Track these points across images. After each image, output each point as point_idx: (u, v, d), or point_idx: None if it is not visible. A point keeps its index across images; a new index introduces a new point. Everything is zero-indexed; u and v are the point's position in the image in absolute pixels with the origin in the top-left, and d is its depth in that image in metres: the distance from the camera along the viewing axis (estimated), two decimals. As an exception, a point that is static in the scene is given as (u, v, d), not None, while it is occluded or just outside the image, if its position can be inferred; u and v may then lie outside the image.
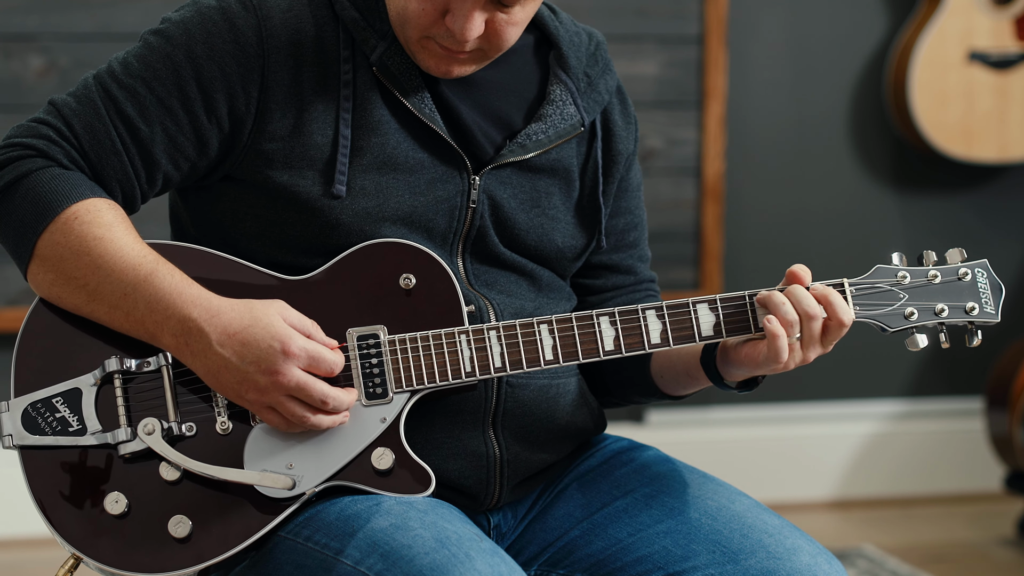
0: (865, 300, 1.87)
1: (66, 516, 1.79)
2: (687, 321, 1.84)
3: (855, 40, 4.13)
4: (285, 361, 1.74)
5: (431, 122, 1.88)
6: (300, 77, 1.85)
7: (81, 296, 1.80)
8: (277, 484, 1.78)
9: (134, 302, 1.78)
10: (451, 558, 1.70)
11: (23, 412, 1.80)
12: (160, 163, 1.84)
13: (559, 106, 1.95)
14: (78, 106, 1.84)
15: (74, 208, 1.79)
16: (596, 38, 2.03)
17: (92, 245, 1.79)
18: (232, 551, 1.79)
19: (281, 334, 1.75)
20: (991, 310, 1.88)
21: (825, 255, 4.17)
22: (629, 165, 2.05)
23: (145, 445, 1.78)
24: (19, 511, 3.69)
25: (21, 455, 1.80)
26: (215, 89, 1.83)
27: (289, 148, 1.85)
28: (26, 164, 1.81)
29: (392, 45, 1.87)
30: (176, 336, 1.77)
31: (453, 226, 1.91)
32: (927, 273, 1.88)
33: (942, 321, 1.88)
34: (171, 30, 1.85)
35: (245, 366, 1.75)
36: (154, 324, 1.78)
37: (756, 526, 1.86)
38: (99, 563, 1.78)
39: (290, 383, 1.75)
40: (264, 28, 1.84)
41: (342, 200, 1.85)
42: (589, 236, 2.01)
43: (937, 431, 4.29)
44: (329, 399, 1.76)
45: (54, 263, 1.80)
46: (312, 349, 1.76)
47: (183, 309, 1.77)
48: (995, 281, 1.89)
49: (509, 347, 1.83)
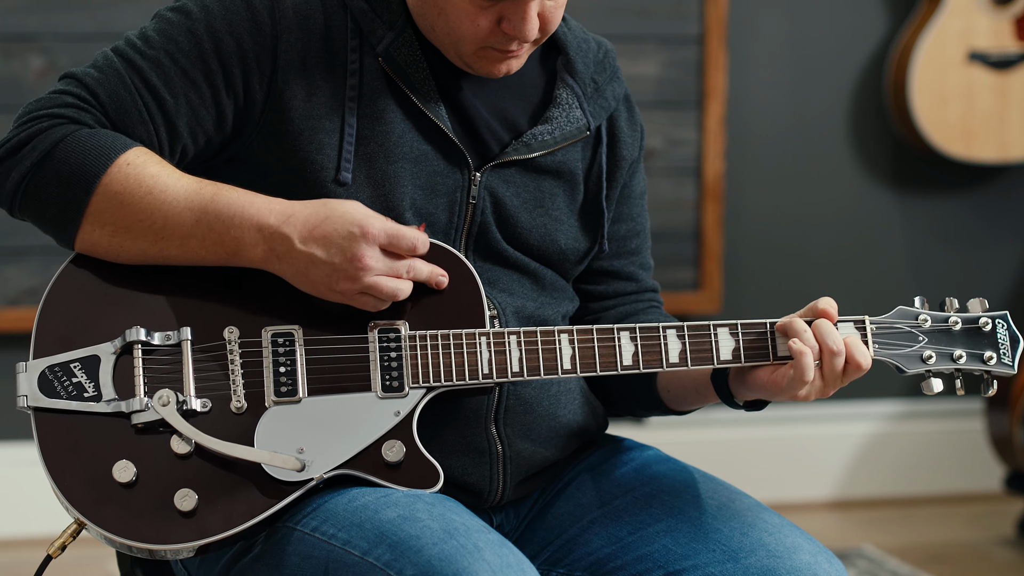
0: (885, 339, 1.90)
1: (73, 481, 1.78)
2: (707, 344, 1.86)
3: (855, 40, 4.13)
4: (367, 245, 1.77)
5: (435, 116, 1.88)
6: (308, 62, 1.86)
7: (147, 238, 1.81)
8: (287, 465, 1.78)
9: (208, 225, 1.79)
10: (459, 548, 1.70)
11: (40, 374, 1.80)
12: (182, 135, 1.86)
13: (565, 109, 1.96)
14: (101, 76, 1.85)
15: (125, 156, 1.80)
16: (605, 47, 2.05)
17: (151, 183, 1.80)
18: (234, 530, 1.78)
19: (359, 219, 1.77)
20: (1008, 361, 1.90)
21: (825, 255, 4.18)
22: (633, 172, 2.06)
23: (158, 416, 1.78)
24: (19, 511, 3.69)
25: (34, 417, 1.80)
26: (233, 64, 1.85)
27: (297, 131, 1.86)
28: (58, 131, 1.81)
29: (400, 36, 1.88)
30: (258, 245, 1.79)
31: (454, 221, 1.91)
32: (948, 319, 1.90)
33: (959, 368, 1.90)
34: (189, 5, 1.87)
35: (331, 257, 1.77)
36: (233, 241, 1.79)
37: (756, 524, 1.86)
38: (102, 529, 1.78)
39: (376, 264, 1.78)
40: (277, 9, 1.86)
41: (347, 188, 1.86)
42: (592, 240, 2.01)
43: (937, 431, 4.29)
44: (415, 270, 1.80)
45: (112, 213, 1.80)
46: (391, 228, 1.78)
47: (258, 218, 1.78)
48: (1015, 333, 1.91)
49: (528, 353, 1.84)
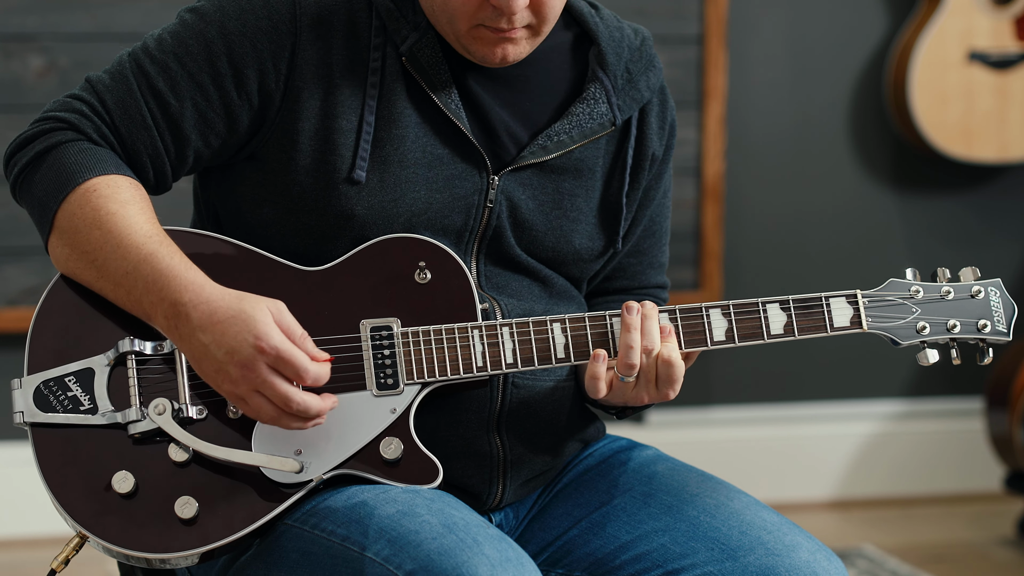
0: (878, 312, 1.88)
1: (74, 494, 1.79)
2: (699, 325, 1.86)
3: (855, 40, 4.13)
4: (256, 356, 1.74)
5: (456, 118, 1.88)
6: (330, 59, 1.86)
7: (92, 272, 1.81)
8: (285, 467, 1.79)
9: (134, 281, 1.79)
10: (459, 543, 1.70)
11: (35, 390, 1.81)
12: (190, 139, 1.86)
13: (590, 104, 1.94)
14: (111, 82, 1.86)
15: (94, 181, 1.81)
16: (642, 33, 2.01)
17: (104, 219, 1.80)
18: (237, 535, 1.79)
19: (259, 329, 1.74)
20: (1003, 328, 1.90)
21: (825, 255, 4.18)
22: (660, 173, 2.04)
23: (155, 425, 1.79)
24: (19, 511, 3.69)
25: (32, 433, 1.81)
26: (246, 65, 1.84)
27: (314, 129, 1.85)
28: (56, 136, 1.84)
29: (424, 37, 1.88)
30: (167, 318, 1.78)
31: (469, 225, 1.91)
32: (940, 289, 1.90)
33: (954, 337, 1.90)
34: (206, 7, 1.87)
35: (220, 355, 1.75)
36: (150, 304, 1.79)
37: (755, 523, 1.86)
38: (105, 541, 1.78)
39: (256, 378, 1.74)
40: (299, 6, 1.85)
41: (360, 189, 1.85)
42: (608, 238, 2.00)
43: (937, 431, 4.29)
44: (293, 403, 1.74)
45: (70, 235, 1.81)
46: (284, 350, 1.74)
47: (176, 292, 1.77)
48: (1008, 300, 1.91)
49: (521, 344, 1.84)
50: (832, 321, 1.88)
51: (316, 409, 1.76)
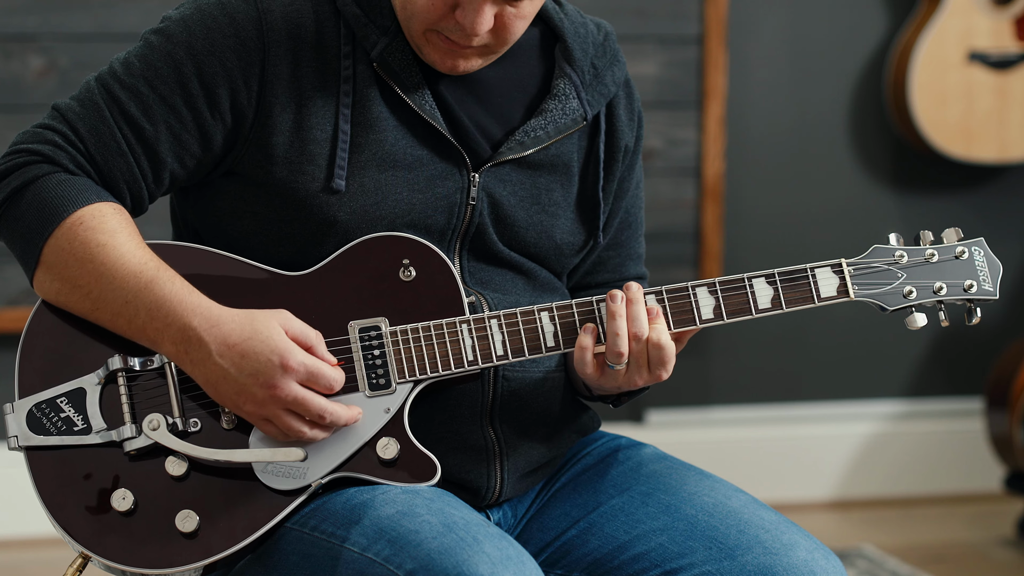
0: (864, 280, 1.89)
1: (73, 515, 1.79)
2: (688, 305, 1.86)
3: (855, 40, 4.13)
4: (283, 375, 1.75)
5: (431, 119, 1.88)
6: (300, 72, 1.85)
7: (87, 304, 1.81)
8: (290, 457, 1.78)
9: (135, 309, 1.79)
10: (459, 542, 1.71)
11: (28, 413, 1.81)
12: (166, 161, 1.85)
13: (562, 100, 1.95)
14: (81, 109, 1.84)
15: (79, 214, 1.80)
16: (605, 28, 2.03)
17: (95, 252, 1.79)
18: (238, 546, 1.79)
19: (280, 348, 1.75)
20: (989, 287, 1.90)
21: (825, 255, 4.15)
22: (632, 164, 2.05)
23: (151, 441, 1.79)
24: (19, 511, 3.69)
25: (27, 456, 1.81)
26: (217, 84, 1.83)
27: (289, 142, 1.85)
28: (32, 170, 1.82)
29: (393, 41, 1.88)
30: (176, 344, 1.78)
31: (452, 223, 1.91)
32: (924, 252, 1.89)
33: (941, 299, 1.89)
34: (171, 28, 1.86)
35: (243, 378, 1.75)
36: (155, 331, 1.78)
37: (753, 522, 1.86)
38: (107, 560, 1.78)
39: (287, 397, 1.76)
40: (265, 21, 1.84)
41: (340, 196, 1.85)
42: (588, 232, 2.01)
43: (937, 431, 4.29)
44: (327, 414, 1.77)
45: (60, 270, 1.81)
46: (311, 364, 1.76)
47: (183, 317, 1.77)
48: (992, 259, 1.91)
49: (510, 334, 1.84)
50: (819, 291, 1.88)
51: (345, 419, 1.79)
